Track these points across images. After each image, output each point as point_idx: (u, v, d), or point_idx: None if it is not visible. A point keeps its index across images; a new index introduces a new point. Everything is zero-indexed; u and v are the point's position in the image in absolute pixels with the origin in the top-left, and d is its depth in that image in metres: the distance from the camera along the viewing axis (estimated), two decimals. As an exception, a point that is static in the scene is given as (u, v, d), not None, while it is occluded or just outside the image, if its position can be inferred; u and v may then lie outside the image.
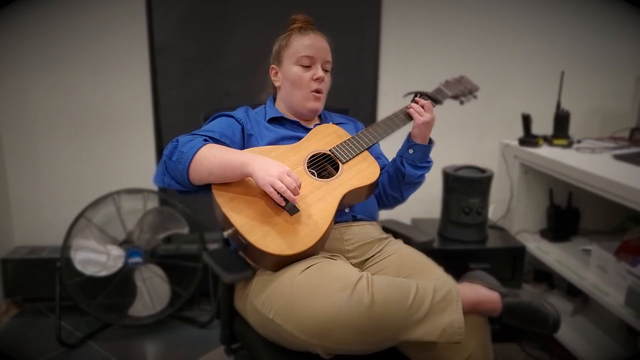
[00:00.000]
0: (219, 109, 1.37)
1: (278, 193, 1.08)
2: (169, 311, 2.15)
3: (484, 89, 2.39)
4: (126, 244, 2.12)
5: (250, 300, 1.15)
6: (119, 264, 2.06)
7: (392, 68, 2.32)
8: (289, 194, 1.08)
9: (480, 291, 1.16)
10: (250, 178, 1.13)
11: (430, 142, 1.34)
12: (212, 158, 1.13)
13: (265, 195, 1.13)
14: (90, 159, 2.28)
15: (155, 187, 2.31)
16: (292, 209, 1.12)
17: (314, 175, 1.22)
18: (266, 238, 1.08)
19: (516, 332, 2.00)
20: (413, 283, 1.05)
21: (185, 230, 2.15)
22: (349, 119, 1.48)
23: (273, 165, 1.10)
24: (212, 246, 2.17)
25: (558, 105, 2.05)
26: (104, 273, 2.04)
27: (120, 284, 2.12)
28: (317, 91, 1.31)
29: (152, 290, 2.14)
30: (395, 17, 2.27)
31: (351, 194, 1.21)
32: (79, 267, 2.02)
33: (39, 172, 2.27)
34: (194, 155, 1.14)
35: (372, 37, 2.28)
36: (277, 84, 1.36)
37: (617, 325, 1.82)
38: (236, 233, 1.10)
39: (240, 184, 1.16)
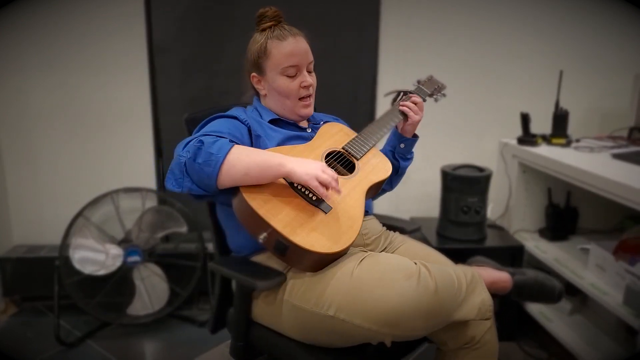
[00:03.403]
0: (218, 110, 1.32)
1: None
2: (167, 310, 2.16)
3: (483, 88, 2.41)
4: (125, 242, 2.13)
5: (291, 303, 1.12)
6: (118, 262, 2.06)
7: (391, 68, 2.31)
8: (334, 185, 1.09)
9: (492, 272, 1.30)
10: (281, 179, 1.12)
11: (415, 135, 1.43)
12: (246, 159, 1.07)
13: (295, 196, 1.13)
14: (89, 158, 2.28)
15: (153, 186, 2.31)
16: (326, 207, 1.13)
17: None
18: (310, 237, 1.07)
19: (514, 331, 2.01)
20: (450, 269, 1.11)
21: (183, 229, 2.15)
22: (335, 118, 1.48)
23: (310, 162, 1.10)
24: (211, 245, 2.17)
25: (557, 105, 2.05)
26: (102, 272, 2.04)
27: (119, 283, 2.12)
28: (307, 96, 1.29)
29: (151, 289, 2.14)
30: (394, 17, 2.27)
31: (371, 188, 1.24)
32: (77, 266, 2.02)
33: (37, 171, 2.28)
34: (226, 156, 1.06)
35: (371, 36, 2.28)
36: (262, 92, 1.32)
37: (615, 324, 1.82)
38: (276, 235, 1.06)
39: (271, 186, 1.12)
